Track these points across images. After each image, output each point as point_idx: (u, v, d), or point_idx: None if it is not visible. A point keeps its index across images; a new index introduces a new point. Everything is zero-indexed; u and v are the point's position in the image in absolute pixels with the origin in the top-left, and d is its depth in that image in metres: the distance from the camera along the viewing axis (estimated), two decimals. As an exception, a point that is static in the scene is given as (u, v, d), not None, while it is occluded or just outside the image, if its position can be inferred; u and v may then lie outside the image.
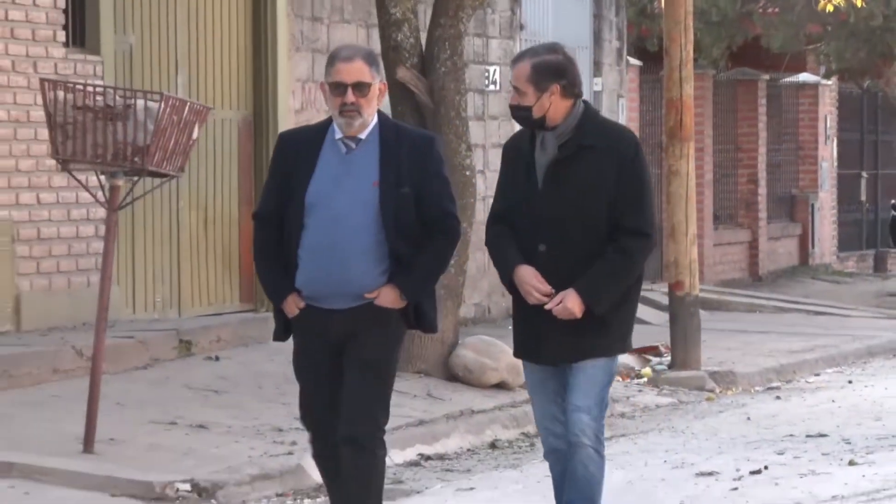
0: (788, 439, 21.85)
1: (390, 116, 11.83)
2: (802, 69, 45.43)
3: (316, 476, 16.62)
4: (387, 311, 9.42)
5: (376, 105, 9.34)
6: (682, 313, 28.35)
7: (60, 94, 18.79)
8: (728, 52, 39.18)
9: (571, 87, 9.19)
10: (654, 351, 28.99)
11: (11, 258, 26.47)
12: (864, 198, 52.35)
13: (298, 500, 18.01)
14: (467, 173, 26.52)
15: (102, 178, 18.73)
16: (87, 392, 18.63)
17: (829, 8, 37.95)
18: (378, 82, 9.46)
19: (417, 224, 9.42)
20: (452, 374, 24.56)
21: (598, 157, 9.22)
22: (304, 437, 17.19)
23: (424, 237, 9.55)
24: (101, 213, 18.75)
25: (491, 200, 15.09)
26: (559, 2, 37.38)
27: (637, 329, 31.09)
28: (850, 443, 21.41)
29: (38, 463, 18.05)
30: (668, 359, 28.32)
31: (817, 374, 29.85)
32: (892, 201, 51.51)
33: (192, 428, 20.99)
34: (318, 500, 17.75)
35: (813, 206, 48.52)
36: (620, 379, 26.83)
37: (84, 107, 18.40)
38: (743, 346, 30.94)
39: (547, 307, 9.57)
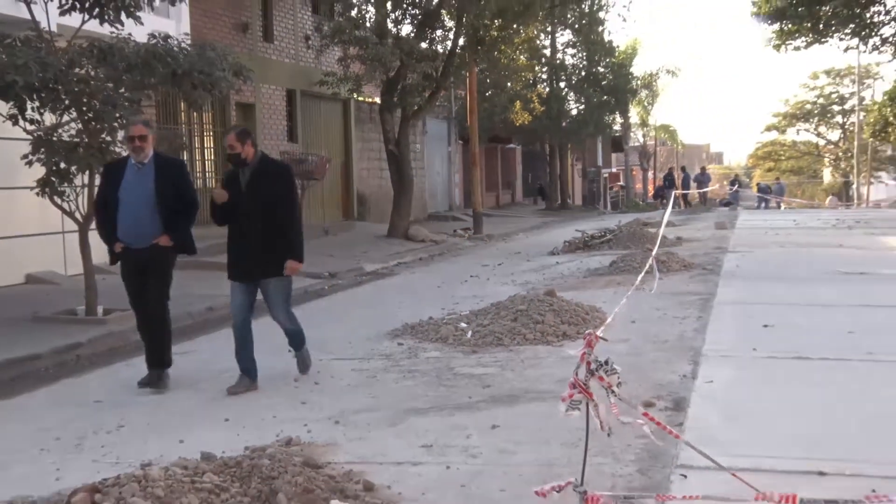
0: (509, 254, 20.49)
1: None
2: (510, 142, 44.27)
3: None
4: (164, 248, 8.22)
5: (151, 145, 8.17)
6: (476, 217, 27.11)
7: (287, 156, 19.41)
8: (488, 137, 37.95)
9: (254, 143, 8.10)
10: (469, 230, 26.83)
11: None
12: (529, 181, 49.95)
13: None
14: (413, 179, 25.46)
15: (301, 181, 18.71)
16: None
17: (518, 123, 37.61)
18: (151, 134, 8.28)
19: (175, 205, 8.13)
20: (408, 237, 23.22)
21: (270, 178, 8.04)
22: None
23: (180, 210, 8.22)
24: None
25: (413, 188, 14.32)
26: (436, 122, 34.66)
27: (463, 223, 30.00)
28: (528, 253, 20.40)
29: None
30: (472, 232, 26.52)
31: (517, 235, 27.67)
32: (539, 182, 47.52)
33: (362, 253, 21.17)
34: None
35: (514, 183, 47.01)
36: (458, 237, 25.70)
37: (294, 159, 19.03)
38: (495, 227, 28.52)
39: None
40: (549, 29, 41.16)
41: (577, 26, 41.86)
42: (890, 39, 30.13)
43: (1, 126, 11.57)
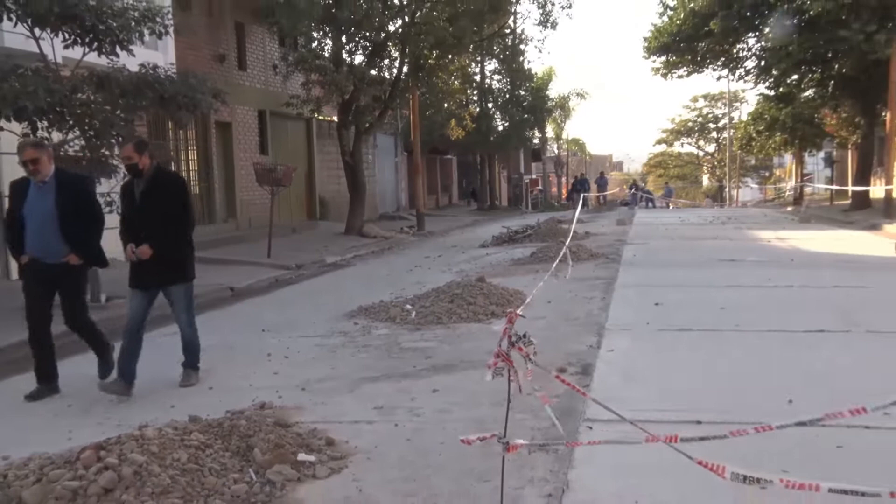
0: (447, 247, 20.46)
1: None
2: (447, 153, 44.23)
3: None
4: (75, 266, 7.02)
5: (48, 164, 7.01)
6: (419, 216, 26.93)
7: (259, 166, 19.09)
8: (428, 149, 37.95)
9: (150, 155, 6.90)
10: (413, 228, 26.58)
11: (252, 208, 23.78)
12: (463, 186, 48.49)
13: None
14: (366, 185, 25.25)
15: (269, 188, 18.44)
16: (266, 241, 18.03)
17: (453, 137, 37.76)
18: (45, 154, 7.02)
19: (79, 220, 6.97)
20: (362, 234, 23.11)
21: (162, 189, 6.84)
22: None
23: (85, 226, 7.03)
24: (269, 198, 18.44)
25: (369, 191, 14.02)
26: (384, 137, 34.45)
27: (409, 222, 29.57)
28: (463, 246, 20.22)
29: (252, 260, 16.92)
30: (416, 229, 26.31)
31: (454, 231, 27.21)
32: (471, 187, 46.63)
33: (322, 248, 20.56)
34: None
35: (451, 188, 46.85)
36: (404, 234, 25.29)
37: (265, 169, 18.79)
38: (435, 224, 28.46)
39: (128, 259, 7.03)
40: (478, 59, 41.24)
41: (501, 57, 42.04)
42: (752, 70, 30.77)
43: (16, 143, 11.40)
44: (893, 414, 5.19)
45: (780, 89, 31.30)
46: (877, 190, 27.13)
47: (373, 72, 23.91)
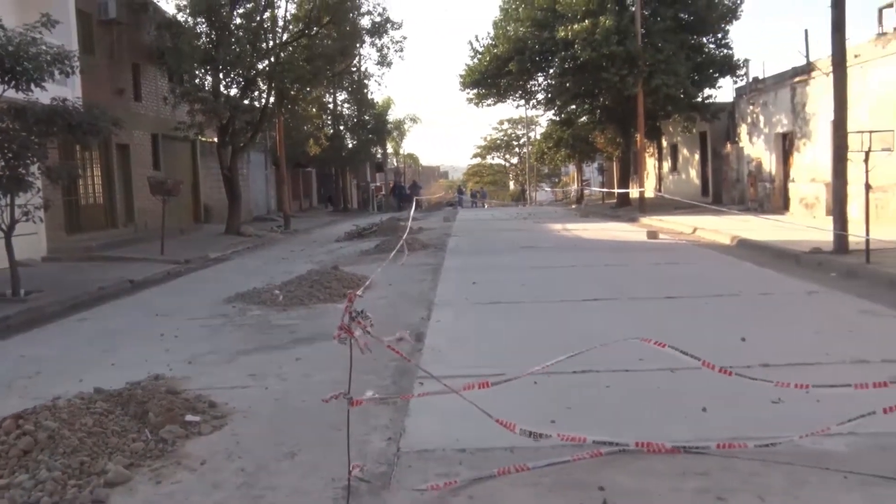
0: (309, 242, 19.53)
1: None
2: (308, 166, 42.91)
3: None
4: None
5: None
6: (286, 218, 25.90)
7: (152, 179, 18.20)
8: (293, 164, 37.20)
9: None
10: (281, 227, 25.29)
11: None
12: (321, 192, 45.84)
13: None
14: (241, 193, 24.50)
15: (161, 197, 17.61)
16: (160, 241, 16.83)
17: (312, 154, 37.27)
18: None
19: None
20: (239, 233, 21.89)
21: None
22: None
23: None
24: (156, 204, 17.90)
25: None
26: (256, 154, 32.66)
27: (277, 223, 28.45)
28: (321, 241, 19.46)
29: (148, 256, 16.03)
30: (283, 228, 25.08)
31: (314, 229, 26.12)
32: (328, 193, 44.80)
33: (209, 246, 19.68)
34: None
35: (311, 194, 46.31)
36: (274, 232, 24.01)
37: (157, 181, 17.92)
38: (299, 224, 27.34)
39: None
40: (331, 91, 40.89)
41: (349, 89, 41.92)
42: (541, 101, 32.04)
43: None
44: (646, 359, 5.58)
45: (563, 116, 32.69)
46: (633, 192, 28.71)
47: (245, 101, 23.61)
